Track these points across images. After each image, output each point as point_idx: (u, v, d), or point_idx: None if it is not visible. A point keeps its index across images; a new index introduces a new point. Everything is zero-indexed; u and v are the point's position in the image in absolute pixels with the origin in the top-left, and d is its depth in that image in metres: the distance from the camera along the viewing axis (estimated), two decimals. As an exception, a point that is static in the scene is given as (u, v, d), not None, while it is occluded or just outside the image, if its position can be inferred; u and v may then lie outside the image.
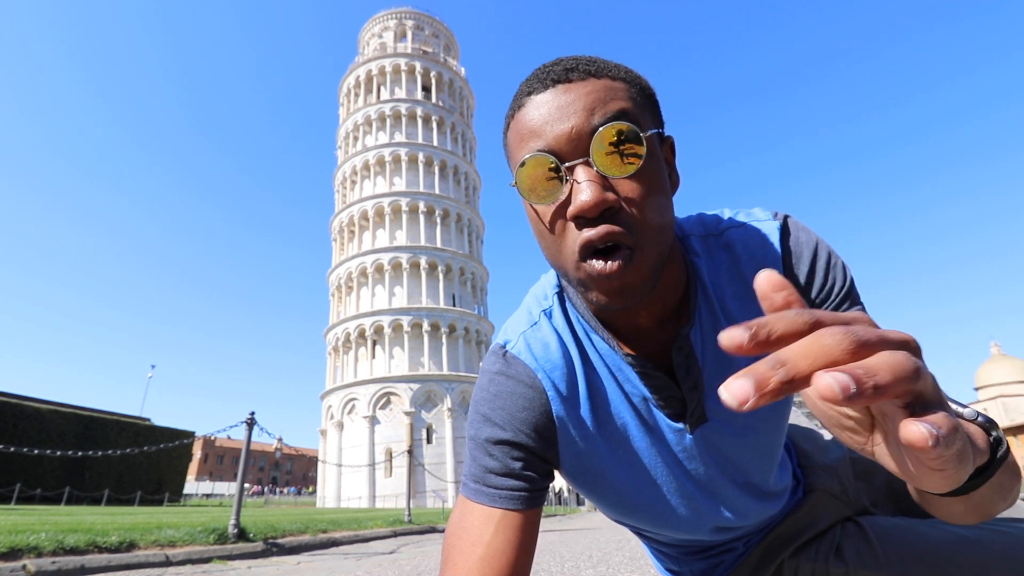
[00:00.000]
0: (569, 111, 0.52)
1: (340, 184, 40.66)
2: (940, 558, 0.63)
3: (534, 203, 0.54)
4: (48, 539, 3.64)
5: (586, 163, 0.51)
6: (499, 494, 0.62)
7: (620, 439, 0.66)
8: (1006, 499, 0.43)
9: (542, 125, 0.53)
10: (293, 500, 49.52)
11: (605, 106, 0.52)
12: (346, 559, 4.61)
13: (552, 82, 0.54)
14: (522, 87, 0.57)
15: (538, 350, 0.66)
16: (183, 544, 4.33)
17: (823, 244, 0.61)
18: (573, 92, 0.53)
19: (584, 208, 0.50)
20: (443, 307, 34.17)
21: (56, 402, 26.68)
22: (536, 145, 0.53)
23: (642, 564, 3.78)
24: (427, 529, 8.27)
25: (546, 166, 0.52)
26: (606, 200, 0.50)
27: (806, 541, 0.78)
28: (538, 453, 0.64)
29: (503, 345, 0.68)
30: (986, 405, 66.67)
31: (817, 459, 0.83)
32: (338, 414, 32.94)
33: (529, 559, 0.61)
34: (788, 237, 0.62)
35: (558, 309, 0.67)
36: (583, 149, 0.51)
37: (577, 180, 0.51)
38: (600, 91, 0.53)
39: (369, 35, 46.26)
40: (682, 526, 0.73)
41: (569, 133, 0.51)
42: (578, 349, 0.66)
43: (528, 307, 0.70)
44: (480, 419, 0.66)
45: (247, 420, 5.44)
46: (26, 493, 18.49)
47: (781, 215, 0.64)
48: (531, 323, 0.68)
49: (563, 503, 28.92)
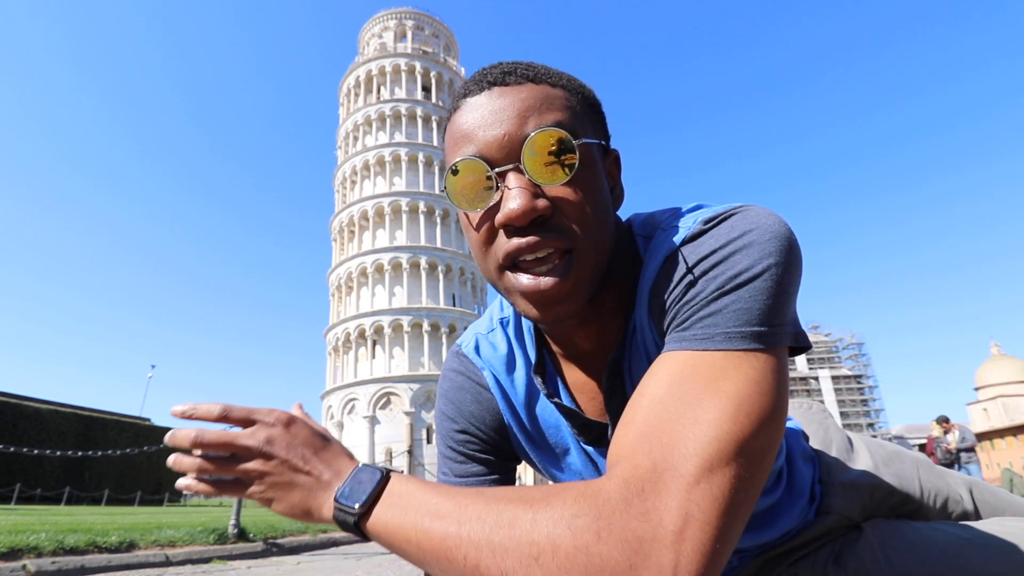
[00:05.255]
0: (502, 116, 0.50)
1: (340, 184, 40.70)
2: (943, 561, 0.62)
3: (463, 209, 0.53)
4: (48, 539, 3.64)
5: (517, 169, 0.49)
6: (463, 481, 0.66)
7: (560, 452, 0.68)
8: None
9: (474, 129, 0.51)
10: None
11: (541, 114, 0.50)
12: (346, 559, 4.61)
13: (488, 84, 0.52)
14: (459, 89, 0.55)
15: (487, 352, 0.70)
16: (183, 544, 4.33)
17: (727, 249, 0.48)
18: (508, 97, 0.51)
19: (512, 215, 0.48)
20: (443, 307, 34.19)
21: (56, 402, 26.67)
22: (468, 150, 0.51)
23: (642, 564, 3.78)
24: (427, 529, 8.26)
25: (476, 172, 0.50)
26: (536, 208, 0.48)
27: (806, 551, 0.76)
28: (492, 442, 0.69)
29: (459, 344, 0.73)
30: (986, 405, 66.71)
31: (839, 475, 0.78)
32: (338, 414, 32.97)
33: None
34: (690, 242, 0.51)
35: (513, 320, 0.70)
36: (515, 156, 0.49)
37: (508, 187, 0.49)
38: (536, 97, 0.51)
39: (369, 35, 46.27)
40: None
41: (501, 139, 0.49)
42: (524, 360, 0.68)
43: (491, 313, 0.74)
44: (439, 414, 0.72)
45: (247, 420, 5.44)
46: (26, 493, 18.49)
47: (718, 219, 0.51)
48: (489, 328, 0.72)
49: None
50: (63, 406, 25.64)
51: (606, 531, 0.36)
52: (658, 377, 0.45)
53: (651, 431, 0.41)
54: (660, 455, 0.39)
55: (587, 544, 0.35)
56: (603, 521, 0.36)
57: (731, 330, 0.44)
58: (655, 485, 0.38)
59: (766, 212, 0.50)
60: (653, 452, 0.39)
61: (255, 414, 0.49)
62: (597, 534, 0.36)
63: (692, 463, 0.38)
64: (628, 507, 0.37)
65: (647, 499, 0.37)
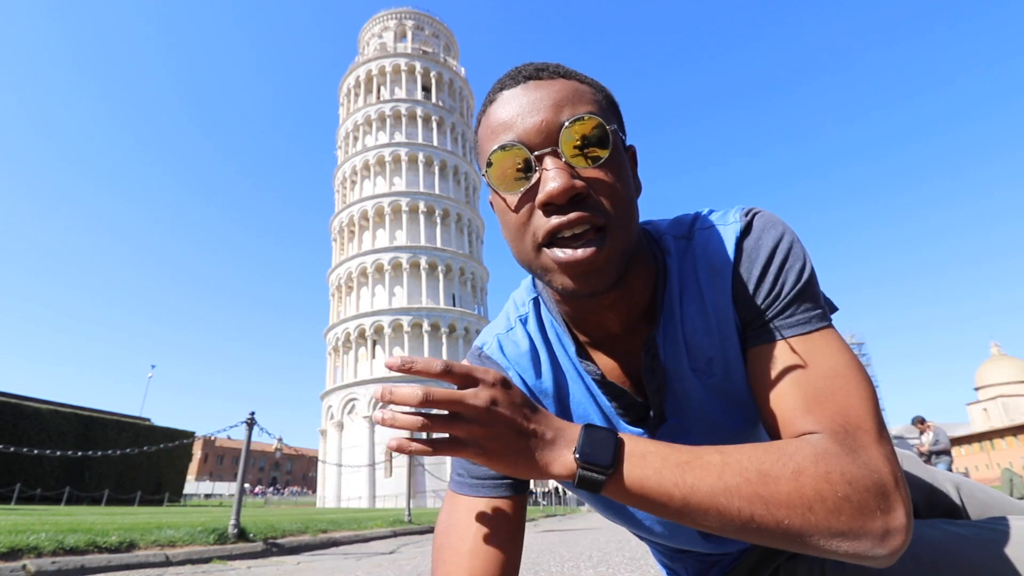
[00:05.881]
0: (539, 105, 0.54)
1: (340, 184, 40.67)
2: (938, 556, 0.63)
3: (504, 192, 0.56)
4: (48, 539, 3.64)
5: (555, 153, 0.53)
6: (481, 483, 0.64)
7: None
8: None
9: (513, 118, 0.55)
10: (294, 500, 49.51)
11: (573, 105, 0.54)
12: (346, 559, 4.61)
13: (524, 79, 0.57)
14: (494, 85, 0.59)
15: (510, 351, 0.70)
16: (183, 544, 4.33)
17: (782, 245, 0.59)
18: (544, 89, 0.55)
19: (553, 193, 0.51)
20: (443, 307, 34.17)
21: (56, 402, 26.68)
22: (507, 137, 0.54)
23: (642, 564, 3.78)
24: (427, 529, 8.27)
25: (516, 156, 0.54)
26: (574, 186, 0.52)
27: None
28: None
29: (480, 347, 0.73)
30: (986, 405, 66.69)
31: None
32: (338, 414, 32.95)
33: (518, 546, 0.63)
34: (746, 238, 0.61)
35: (533, 316, 0.71)
36: (552, 141, 0.53)
37: (546, 168, 0.53)
38: (569, 90, 0.56)
39: (369, 35, 46.25)
40: (659, 535, 0.74)
41: (539, 125, 0.53)
42: (548, 354, 0.69)
43: (507, 313, 0.74)
44: None
45: (247, 420, 5.44)
46: (26, 493, 18.49)
47: (751, 214, 0.62)
48: (507, 328, 0.72)
49: (563, 503, 28.92)
50: (63, 406, 25.64)
51: (854, 482, 0.43)
52: (795, 358, 0.54)
53: (822, 399, 0.50)
54: (843, 417, 0.48)
55: (847, 495, 0.43)
56: (848, 474, 0.44)
57: (819, 312, 0.56)
58: (857, 441, 0.46)
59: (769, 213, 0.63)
60: (836, 416, 0.48)
61: (475, 372, 0.50)
62: (849, 484, 0.43)
63: (869, 421, 0.48)
64: (855, 459, 0.45)
65: (859, 453, 0.46)
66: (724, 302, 0.60)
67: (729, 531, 0.45)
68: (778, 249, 0.58)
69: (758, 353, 0.57)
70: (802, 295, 0.57)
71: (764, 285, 0.58)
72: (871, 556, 0.43)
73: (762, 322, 0.58)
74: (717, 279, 0.61)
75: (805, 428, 0.50)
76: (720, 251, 0.61)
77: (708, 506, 0.45)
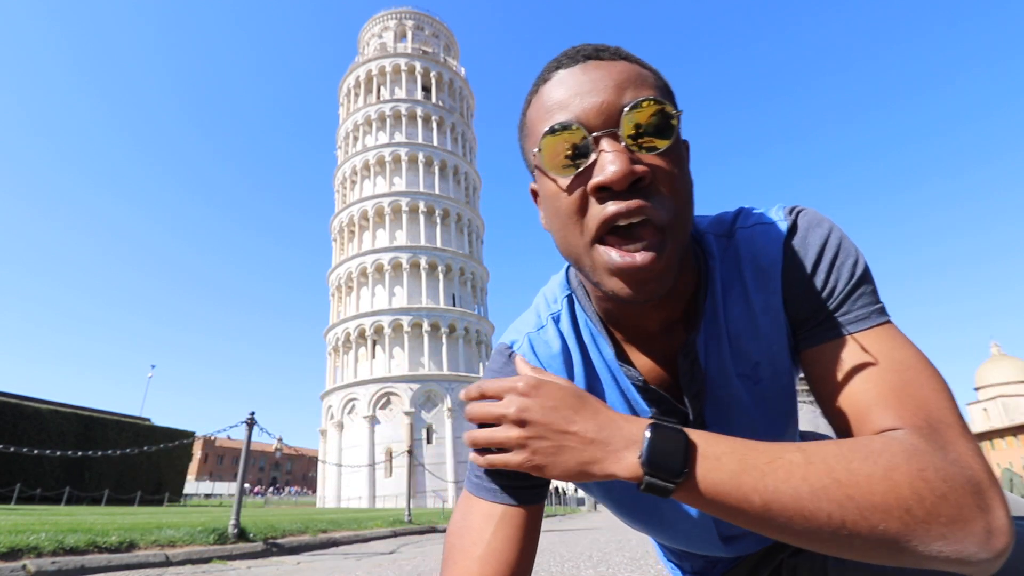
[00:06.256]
0: (600, 85, 0.50)
1: (340, 184, 40.65)
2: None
3: (556, 174, 0.52)
4: (48, 539, 3.63)
5: (613, 135, 0.49)
6: (500, 490, 0.61)
7: None
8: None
9: (570, 97, 0.51)
10: (294, 500, 49.49)
11: (636, 88, 0.50)
12: (346, 559, 4.60)
13: (583, 58, 0.53)
14: (549, 64, 0.55)
15: (542, 352, 0.66)
16: (183, 544, 4.33)
17: (832, 242, 0.56)
18: (604, 69, 0.51)
19: (612, 178, 0.47)
20: (443, 307, 34.15)
21: (56, 402, 26.67)
22: (562, 117, 0.50)
23: (642, 564, 3.78)
24: (427, 529, 8.26)
25: (572, 137, 0.49)
26: (635, 171, 0.47)
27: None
28: None
29: (509, 345, 0.68)
30: (986, 405, 66.67)
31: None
32: (338, 414, 32.93)
33: (530, 557, 0.60)
34: (793, 236, 0.58)
35: (566, 313, 0.66)
36: (612, 122, 0.49)
37: (604, 150, 0.48)
38: (631, 72, 0.52)
39: (369, 35, 46.24)
40: (682, 541, 0.74)
41: (599, 106, 0.49)
42: (582, 355, 0.65)
43: (537, 309, 0.70)
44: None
45: (247, 420, 5.44)
46: (26, 493, 18.48)
47: (794, 213, 0.59)
48: (538, 326, 0.67)
49: (563, 503, 28.89)
50: (63, 406, 25.62)
51: (950, 479, 0.39)
52: (862, 353, 0.50)
53: (900, 394, 0.46)
54: (925, 412, 0.45)
55: (945, 493, 0.39)
56: (942, 471, 0.40)
57: (879, 306, 0.53)
58: (944, 436, 0.43)
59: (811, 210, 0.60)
60: (918, 411, 0.45)
61: (504, 383, 0.51)
62: (945, 482, 0.39)
63: (952, 415, 0.45)
64: (946, 456, 0.41)
65: (948, 449, 0.42)
66: (774, 304, 0.58)
67: (815, 540, 0.41)
68: (827, 245, 0.55)
69: (819, 352, 0.54)
70: (858, 289, 0.54)
71: (816, 282, 0.55)
72: (975, 561, 0.38)
73: (819, 320, 0.55)
74: (765, 280, 0.58)
75: (885, 424, 0.46)
76: (766, 251, 0.58)
77: (792, 512, 0.40)
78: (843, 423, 0.50)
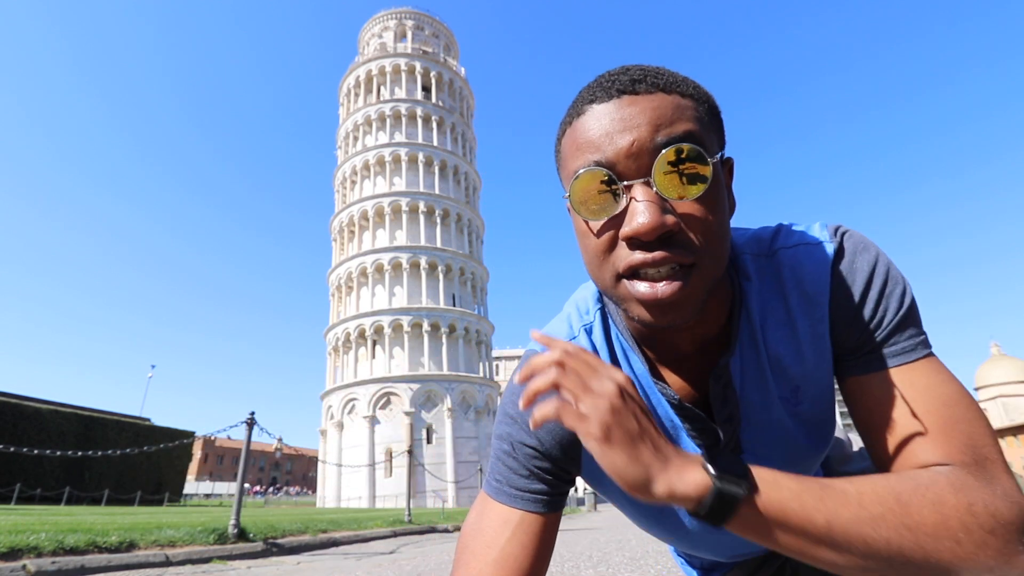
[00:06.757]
0: (632, 124, 0.48)
1: (340, 184, 40.64)
2: None
3: (586, 218, 0.51)
4: (48, 539, 3.64)
5: (646, 183, 0.48)
6: (520, 495, 0.61)
7: None
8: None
9: (601, 136, 0.49)
10: (294, 500, 49.52)
11: (672, 125, 0.48)
12: (346, 559, 4.61)
13: (617, 92, 0.50)
14: (583, 93, 0.53)
15: None
16: (183, 544, 4.33)
17: (880, 269, 0.55)
18: (639, 105, 0.49)
19: (641, 230, 0.46)
20: (443, 307, 34.14)
21: (56, 402, 26.67)
22: (593, 157, 0.49)
23: (642, 564, 3.78)
24: (427, 529, 8.27)
25: (602, 180, 0.49)
26: (664, 224, 0.46)
27: None
28: (560, 463, 0.63)
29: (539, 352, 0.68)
30: (986, 405, 66.68)
31: (836, 467, 0.81)
32: (338, 414, 32.93)
33: (544, 565, 0.60)
34: (840, 261, 0.56)
35: (599, 325, 0.65)
36: (644, 166, 0.48)
37: (635, 198, 0.47)
38: (668, 107, 0.49)
39: (369, 35, 46.22)
40: (701, 550, 0.74)
41: (630, 147, 0.48)
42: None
43: (568, 319, 0.68)
44: (508, 419, 0.64)
45: (247, 420, 5.44)
46: (26, 493, 18.49)
47: (839, 234, 0.58)
48: (570, 336, 0.66)
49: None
50: (63, 406, 25.62)
51: (998, 515, 0.41)
52: (909, 387, 0.51)
53: (947, 429, 0.48)
54: (972, 448, 0.46)
55: (993, 528, 0.41)
56: (991, 506, 0.42)
57: (923, 338, 0.54)
58: (989, 472, 0.45)
59: (858, 234, 0.59)
60: (965, 446, 0.47)
61: (600, 365, 0.48)
62: (993, 517, 0.41)
63: (996, 451, 0.47)
64: (994, 491, 0.43)
65: (995, 485, 0.44)
66: (820, 330, 0.57)
67: (871, 564, 0.41)
68: (875, 273, 0.55)
69: (865, 382, 0.54)
70: (905, 321, 0.54)
71: (865, 312, 0.54)
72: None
73: (866, 351, 0.55)
74: (811, 306, 0.57)
75: (932, 459, 0.47)
76: (813, 276, 0.57)
77: (853, 535, 0.41)
78: (886, 454, 0.51)
